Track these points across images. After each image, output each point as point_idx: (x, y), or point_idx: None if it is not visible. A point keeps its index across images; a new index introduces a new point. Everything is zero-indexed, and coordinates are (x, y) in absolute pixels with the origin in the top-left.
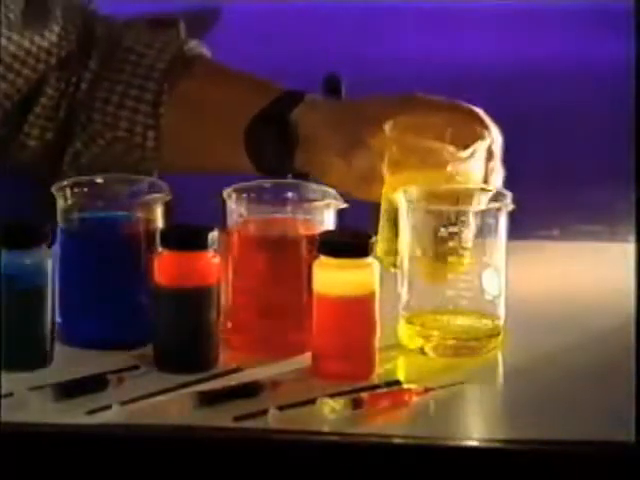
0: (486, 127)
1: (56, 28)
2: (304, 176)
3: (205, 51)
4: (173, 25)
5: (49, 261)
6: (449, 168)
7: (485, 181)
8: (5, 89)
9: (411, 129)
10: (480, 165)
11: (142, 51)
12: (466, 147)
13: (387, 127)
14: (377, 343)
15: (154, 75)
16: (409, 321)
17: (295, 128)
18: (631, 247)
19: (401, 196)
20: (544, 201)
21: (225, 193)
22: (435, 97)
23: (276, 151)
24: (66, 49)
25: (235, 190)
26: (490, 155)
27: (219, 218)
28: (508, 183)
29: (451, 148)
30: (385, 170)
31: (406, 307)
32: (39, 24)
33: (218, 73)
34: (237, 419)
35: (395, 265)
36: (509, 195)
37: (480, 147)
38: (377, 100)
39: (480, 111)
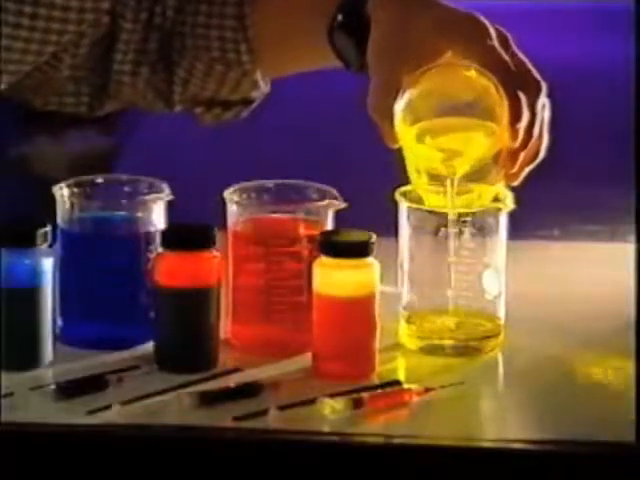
0: (536, 90)
1: None
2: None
3: None
4: None
5: (49, 261)
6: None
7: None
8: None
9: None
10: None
11: None
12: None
13: (425, 72)
14: (377, 343)
15: None
16: (409, 321)
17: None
18: (631, 247)
19: (401, 197)
20: (544, 201)
21: (226, 193)
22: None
23: (356, 40)
24: None
25: (236, 190)
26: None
27: (219, 218)
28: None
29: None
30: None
31: (406, 307)
32: None
33: None
34: (237, 419)
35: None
36: (510, 195)
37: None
38: (450, 23)
39: (538, 80)
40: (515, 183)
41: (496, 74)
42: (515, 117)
